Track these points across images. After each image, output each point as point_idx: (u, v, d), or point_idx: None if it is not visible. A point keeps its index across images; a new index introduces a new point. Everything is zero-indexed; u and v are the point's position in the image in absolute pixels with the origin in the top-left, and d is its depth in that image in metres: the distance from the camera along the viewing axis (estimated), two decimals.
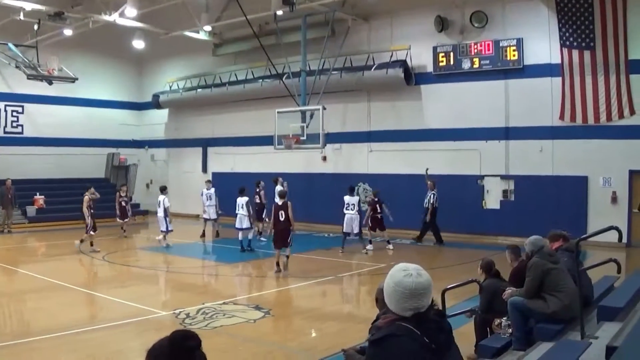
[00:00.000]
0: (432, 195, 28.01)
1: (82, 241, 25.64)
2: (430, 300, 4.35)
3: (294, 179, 30.74)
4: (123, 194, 31.18)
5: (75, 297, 17.32)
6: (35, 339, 12.65)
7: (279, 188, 26.74)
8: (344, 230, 26.21)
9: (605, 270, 11.92)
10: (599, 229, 9.36)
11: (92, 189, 26.41)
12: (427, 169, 28.75)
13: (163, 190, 27.55)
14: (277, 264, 21.47)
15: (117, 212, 30.91)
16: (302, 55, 31.65)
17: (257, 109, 36.62)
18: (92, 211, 25.87)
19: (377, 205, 26.61)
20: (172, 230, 27.02)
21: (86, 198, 25.87)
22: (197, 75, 39.78)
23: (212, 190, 29.97)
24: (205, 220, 30.04)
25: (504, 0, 28.75)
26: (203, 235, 29.87)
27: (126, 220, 30.88)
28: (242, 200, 25.59)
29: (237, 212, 25.39)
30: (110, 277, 21.61)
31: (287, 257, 21.83)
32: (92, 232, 25.61)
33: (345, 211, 26.03)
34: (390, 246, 26.63)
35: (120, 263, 23.48)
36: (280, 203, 21.79)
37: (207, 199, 29.69)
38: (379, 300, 7.22)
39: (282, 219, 21.52)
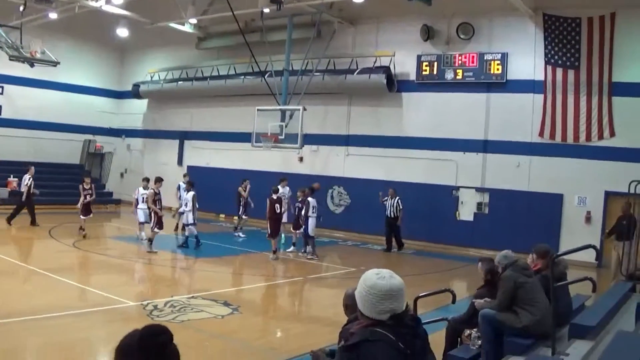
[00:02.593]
0: (398, 200, 27.86)
1: (150, 241, 23.87)
2: (404, 303, 4.30)
3: (269, 177, 30.56)
4: (87, 187, 27.35)
5: (43, 282, 17.18)
6: (0, 322, 12.52)
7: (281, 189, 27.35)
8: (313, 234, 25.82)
9: (577, 288, 11.91)
10: (573, 248, 9.35)
11: (160, 183, 24.70)
12: (380, 193, 28.70)
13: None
14: (274, 251, 24.21)
15: (80, 207, 26.89)
16: (286, 55, 31.56)
17: (237, 105, 36.55)
18: (159, 206, 24.27)
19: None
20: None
21: (151, 192, 24.39)
22: (179, 67, 39.65)
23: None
24: (180, 214, 29.83)
25: (492, 13, 28.78)
26: (176, 228, 29.68)
27: (90, 216, 27.03)
28: (189, 195, 25.36)
29: (186, 208, 25.25)
30: (79, 264, 21.50)
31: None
32: (157, 230, 23.94)
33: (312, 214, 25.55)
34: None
35: (91, 251, 23.30)
36: (275, 197, 24.53)
37: (185, 192, 29.54)
38: (349, 307, 7.18)
39: (277, 211, 24.38)
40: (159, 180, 24.66)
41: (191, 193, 25.29)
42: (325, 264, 24.24)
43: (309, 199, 25.26)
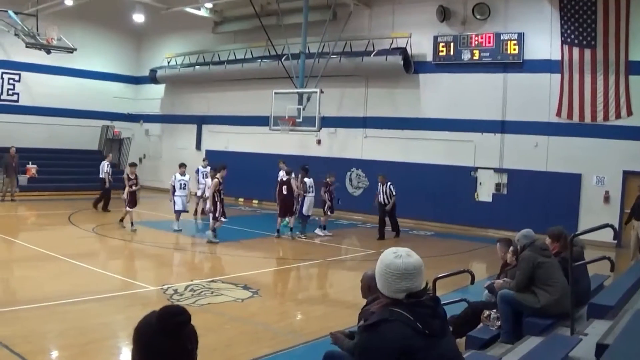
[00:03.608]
0: (390, 186, 26.59)
1: (214, 231, 23.19)
2: (423, 282, 4.34)
3: (287, 160, 30.61)
4: (132, 177, 25.62)
5: (63, 267, 17.27)
6: (21, 307, 12.62)
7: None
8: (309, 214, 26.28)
9: (596, 268, 11.91)
10: (591, 227, 9.33)
11: (224, 171, 23.56)
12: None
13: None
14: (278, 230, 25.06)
15: (126, 198, 25.03)
16: (302, 38, 31.36)
17: (254, 89, 36.54)
18: (222, 197, 23.28)
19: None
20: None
21: (215, 182, 23.17)
22: (196, 52, 39.70)
23: (208, 168, 29.56)
24: (199, 197, 29.71)
25: None
26: (196, 213, 29.60)
27: (136, 208, 25.46)
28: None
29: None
30: (99, 250, 21.59)
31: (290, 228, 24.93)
32: (222, 219, 23.14)
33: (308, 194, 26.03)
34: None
35: (110, 236, 23.40)
36: (284, 179, 25.43)
37: (203, 177, 29.32)
38: (371, 288, 7.20)
39: (285, 193, 25.09)
40: (223, 168, 23.76)
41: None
42: (345, 247, 24.34)
43: (305, 179, 25.58)
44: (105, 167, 29.77)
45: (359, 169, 32.92)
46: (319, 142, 34.60)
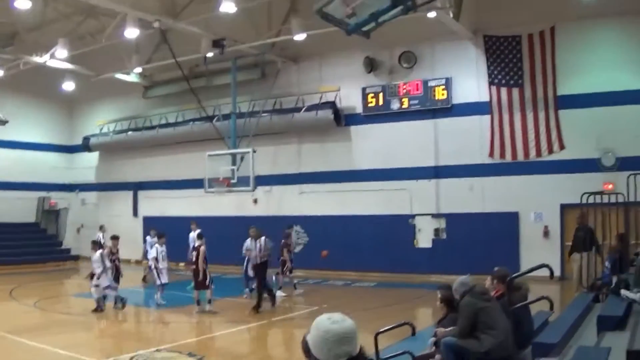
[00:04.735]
0: (265, 240, 23.11)
1: (209, 301, 22.11)
2: (359, 345, 4.31)
3: (225, 222, 30.67)
4: (115, 250, 24.32)
5: (4, 344, 16.96)
6: None
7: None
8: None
9: (540, 306, 11.99)
10: (531, 267, 9.47)
11: (204, 239, 22.36)
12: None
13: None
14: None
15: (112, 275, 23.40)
16: (232, 98, 31.62)
17: (188, 152, 36.48)
18: (207, 264, 21.90)
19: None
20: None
21: (203, 249, 21.92)
22: (128, 117, 39.70)
23: (155, 239, 28.78)
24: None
25: (432, 40, 29.12)
26: (144, 279, 29.22)
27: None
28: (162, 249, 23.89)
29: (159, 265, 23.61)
30: (41, 324, 21.09)
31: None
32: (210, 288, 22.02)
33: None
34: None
35: (52, 310, 23.06)
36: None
37: (150, 247, 28.64)
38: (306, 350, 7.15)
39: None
40: (202, 236, 22.74)
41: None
42: (288, 305, 24.15)
43: (248, 240, 24.13)
44: (99, 237, 29.24)
45: (297, 225, 32.80)
46: (255, 201, 34.52)
